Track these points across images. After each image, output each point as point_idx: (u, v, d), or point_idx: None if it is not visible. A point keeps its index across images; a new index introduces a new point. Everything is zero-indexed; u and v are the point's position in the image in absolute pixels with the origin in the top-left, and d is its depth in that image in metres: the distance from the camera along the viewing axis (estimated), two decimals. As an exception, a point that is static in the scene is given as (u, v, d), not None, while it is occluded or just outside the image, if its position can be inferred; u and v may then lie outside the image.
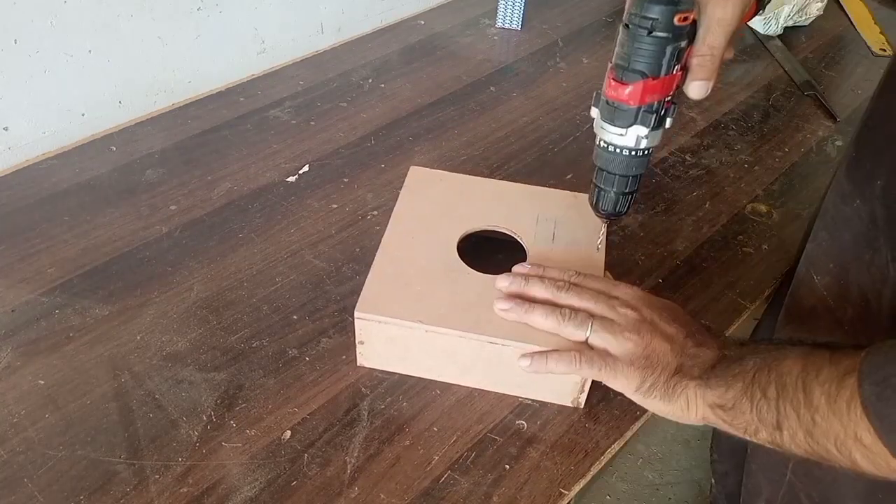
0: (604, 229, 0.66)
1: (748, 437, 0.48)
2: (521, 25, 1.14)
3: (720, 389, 0.50)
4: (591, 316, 0.57)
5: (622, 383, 0.55)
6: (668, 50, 0.50)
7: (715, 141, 0.91)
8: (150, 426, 0.59)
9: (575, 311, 0.57)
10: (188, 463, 0.57)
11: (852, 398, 0.40)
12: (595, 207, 0.61)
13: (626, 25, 0.51)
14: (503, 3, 1.12)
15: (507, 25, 1.14)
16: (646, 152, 0.56)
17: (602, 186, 0.59)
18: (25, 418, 0.59)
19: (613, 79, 0.53)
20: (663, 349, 0.54)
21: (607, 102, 0.54)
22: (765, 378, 0.47)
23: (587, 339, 0.56)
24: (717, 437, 0.79)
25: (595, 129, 0.57)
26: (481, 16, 1.18)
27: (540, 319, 0.57)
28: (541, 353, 0.57)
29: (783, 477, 0.64)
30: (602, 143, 0.57)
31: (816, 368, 0.43)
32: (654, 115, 0.53)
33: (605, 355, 0.55)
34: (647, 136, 0.55)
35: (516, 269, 0.62)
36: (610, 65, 0.53)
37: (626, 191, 0.59)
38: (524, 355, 0.57)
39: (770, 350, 0.48)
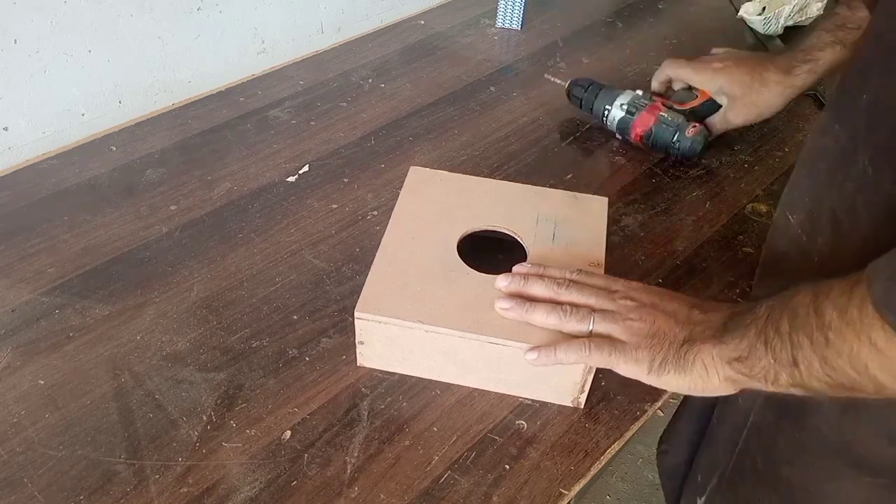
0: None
1: (772, 389, 0.47)
2: (522, 26, 1.14)
3: (735, 342, 0.49)
4: (593, 310, 0.57)
5: (633, 367, 0.54)
6: None
7: (715, 141, 0.91)
8: (150, 426, 0.59)
9: (576, 306, 0.57)
10: (188, 463, 0.57)
11: (863, 302, 0.39)
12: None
13: None
14: (503, 3, 1.12)
15: (507, 25, 1.14)
16: None
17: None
18: (25, 418, 0.59)
19: None
20: (668, 324, 0.54)
21: None
22: (777, 315, 0.46)
23: (590, 332, 0.57)
24: (670, 428, 0.79)
25: None
26: (481, 16, 1.18)
27: (541, 317, 0.57)
28: (548, 345, 0.57)
29: (735, 446, 0.65)
30: None
31: (827, 290, 0.43)
32: None
33: (613, 341, 0.55)
34: None
35: (516, 268, 0.62)
36: None
37: None
38: (531, 349, 0.57)
39: (782, 294, 0.47)
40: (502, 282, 0.61)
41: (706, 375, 0.51)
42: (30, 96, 0.85)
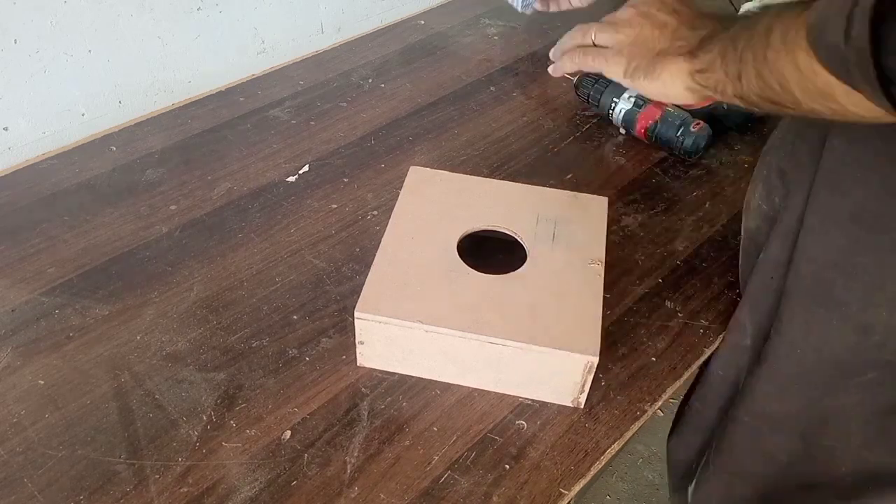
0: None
1: (719, 97, 0.52)
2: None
3: (703, 56, 0.53)
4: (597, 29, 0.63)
5: (612, 68, 0.60)
6: None
7: (715, 141, 0.91)
8: (150, 426, 0.59)
9: (587, 27, 0.64)
10: (188, 463, 0.57)
11: (800, 27, 0.42)
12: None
13: None
14: None
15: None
16: None
17: None
18: (25, 418, 0.59)
19: None
20: (651, 35, 0.58)
21: None
22: (740, 36, 0.49)
23: (593, 41, 0.63)
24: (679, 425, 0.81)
25: None
26: (481, 16, 1.18)
27: (566, 40, 0.67)
28: (562, 60, 0.65)
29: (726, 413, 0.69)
30: None
31: (786, 15, 0.45)
32: None
33: (601, 50, 0.62)
34: None
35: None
36: None
37: None
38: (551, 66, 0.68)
39: (757, 15, 0.50)
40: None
41: (670, 83, 0.56)
42: (30, 96, 0.85)
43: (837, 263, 0.56)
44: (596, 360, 0.58)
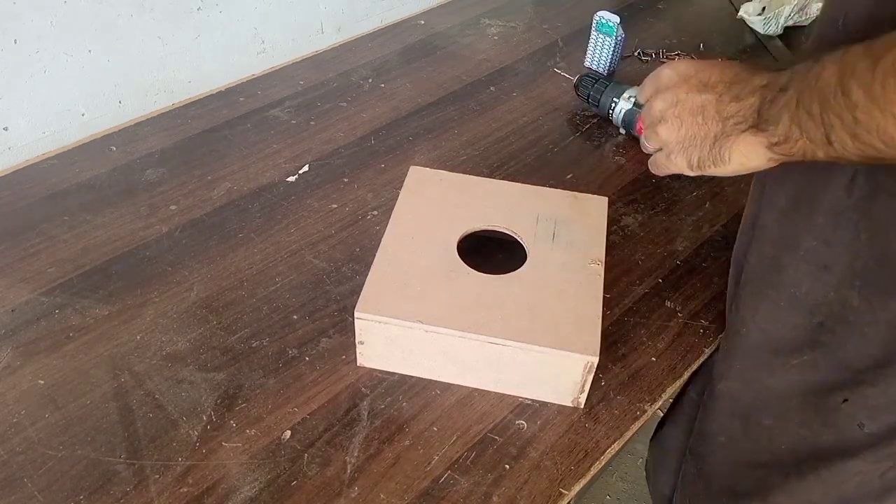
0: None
1: (812, 160, 0.49)
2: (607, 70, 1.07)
3: (771, 128, 0.50)
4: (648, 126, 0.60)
5: (676, 169, 0.58)
6: None
7: (715, 141, 0.91)
8: (150, 426, 0.59)
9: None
10: (188, 463, 0.57)
11: (885, 78, 0.41)
12: None
13: None
14: (592, 46, 1.06)
15: (594, 66, 1.07)
16: None
17: None
18: (25, 418, 0.59)
19: None
20: (696, 124, 0.55)
21: None
22: (807, 98, 0.47)
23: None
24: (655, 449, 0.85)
25: None
26: (481, 16, 1.18)
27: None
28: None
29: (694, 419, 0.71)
30: None
31: (851, 67, 0.44)
32: None
33: (655, 156, 0.59)
34: None
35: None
36: None
37: None
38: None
39: (810, 69, 0.48)
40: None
41: (746, 161, 0.53)
42: (30, 96, 0.85)
43: (789, 246, 0.57)
44: (596, 360, 0.58)
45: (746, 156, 0.53)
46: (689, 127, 0.55)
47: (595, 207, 0.71)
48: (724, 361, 0.66)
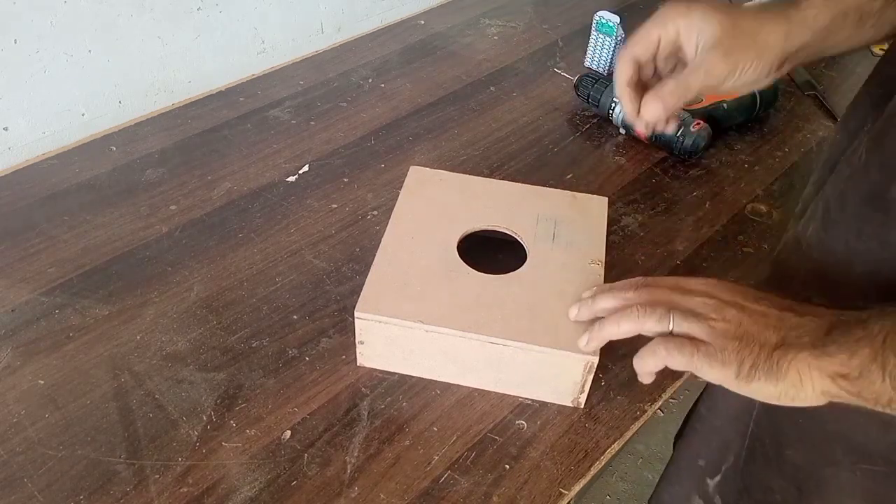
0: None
1: (879, 409, 0.44)
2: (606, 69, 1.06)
3: (842, 356, 0.44)
4: (670, 309, 0.51)
5: (719, 371, 0.48)
6: None
7: (715, 141, 0.91)
8: (150, 426, 0.59)
9: (652, 305, 0.52)
10: (188, 463, 0.57)
11: None
12: None
13: None
14: (592, 46, 1.06)
15: (593, 66, 1.08)
16: None
17: None
18: (25, 418, 0.59)
19: None
20: (756, 326, 0.48)
21: None
22: None
23: (671, 332, 0.51)
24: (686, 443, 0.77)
25: None
26: (481, 16, 1.18)
27: (614, 329, 0.53)
28: (642, 355, 0.51)
29: (747, 428, 0.64)
30: None
31: None
32: None
33: (695, 343, 0.49)
34: None
35: (583, 294, 0.60)
36: None
37: None
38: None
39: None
40: (572, 312, 0.59)
41: (800, 384, 0.46)
42: (30, 96, 0.85)
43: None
44: (596, 360, 0.58)
45: (804, 378, 0.46)
46: (748, 326, 0.48)
47: (595, 207, 0.71)
48: (795, 434, 0.58)
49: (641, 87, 0.58)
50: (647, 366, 0.51)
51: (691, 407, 0.76)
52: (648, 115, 0.55)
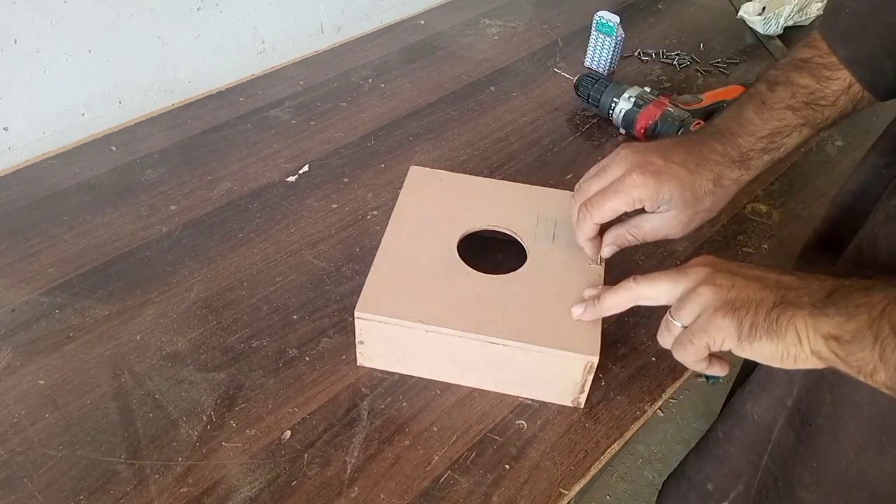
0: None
1: (861, 378, 0.44)
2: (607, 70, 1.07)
3: (839, 318, 0.44)
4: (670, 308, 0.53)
5: (719, 336, 0.49)
6: None
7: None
8: (150, 426, 0.59)
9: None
10: (188, 463, 0.57)
11: None
12: None
13: None
14: (592, 46, 1.06)
15: (594, 66, 1.08)
16: None
17: None
18: (25, 418, 0.59)
19: None
20: (751, 288, 0.48)
21: None
22: None
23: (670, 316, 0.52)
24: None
25: None
26: (481, 16, 1.18)
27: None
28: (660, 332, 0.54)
29: (760, 459, 0.63)
30: None
31: None
32: None
33: (694, 325, 0.51)
34: None
35: (585, 293, 0.61)
36: None
37: None
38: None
39: None
40: (575, 311, 0.60)
41: (799, 344, 0.46)
42: (30, 96, 0.85)
43: None
44: (596, 360, 0.58)
45: (799, 336, 0.46)
46: (741, 289, 0.48)
47: (595, 207, 0.71)
48: (809, 476, 0.58)
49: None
50: (664, 342, 0.54)
51: (712, 423, 0.72)
52: (607, 255, 0.65)
